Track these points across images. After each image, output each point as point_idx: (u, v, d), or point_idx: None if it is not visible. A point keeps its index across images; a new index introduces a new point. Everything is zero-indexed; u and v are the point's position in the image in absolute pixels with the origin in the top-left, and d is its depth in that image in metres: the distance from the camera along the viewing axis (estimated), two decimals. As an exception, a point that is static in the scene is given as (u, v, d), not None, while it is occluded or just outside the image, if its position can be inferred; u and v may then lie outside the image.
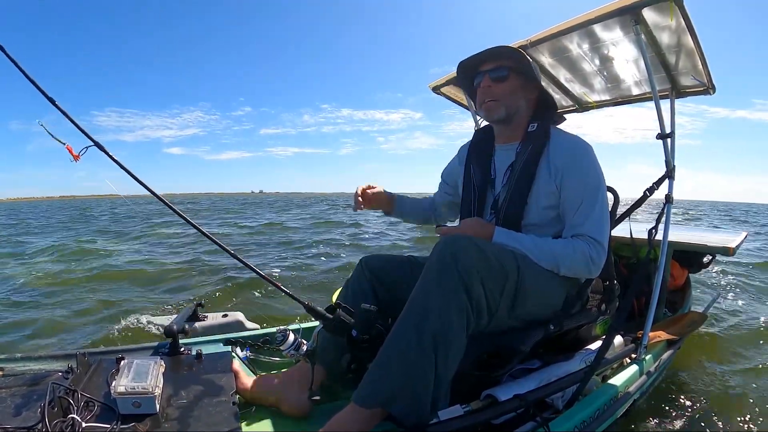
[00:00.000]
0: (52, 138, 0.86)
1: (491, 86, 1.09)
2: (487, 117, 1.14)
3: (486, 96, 1.10)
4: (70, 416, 0.74)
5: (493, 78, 1.08)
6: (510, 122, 1.13)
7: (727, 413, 1.58)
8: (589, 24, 1.17)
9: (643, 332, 1.33)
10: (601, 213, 1.02)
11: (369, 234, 8.13)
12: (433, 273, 0.84)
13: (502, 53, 1.09)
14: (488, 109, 1.11)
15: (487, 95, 1.10)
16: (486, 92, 1.10)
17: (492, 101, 1.09)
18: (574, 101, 1.84)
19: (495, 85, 1.09)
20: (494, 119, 1.13)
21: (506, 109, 1.10)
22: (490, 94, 1.09)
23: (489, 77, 1.09)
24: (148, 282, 3.95)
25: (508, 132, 1.15)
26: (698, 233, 2.46)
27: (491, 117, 1.12)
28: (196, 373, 1.00)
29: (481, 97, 1.11)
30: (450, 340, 0.81)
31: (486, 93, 1.10)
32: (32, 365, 0.99)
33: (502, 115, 1.10)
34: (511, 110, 1.10)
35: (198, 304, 1.59)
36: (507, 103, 1.09)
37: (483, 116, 1.16)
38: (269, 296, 3.19)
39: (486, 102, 1.10)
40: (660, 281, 1.33)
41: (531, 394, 0.93)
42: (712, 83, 1.42)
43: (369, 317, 0.96)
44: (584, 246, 0.98)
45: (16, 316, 2.86)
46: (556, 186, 1.03)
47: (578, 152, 1.05)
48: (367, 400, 0.81)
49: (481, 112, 1.15)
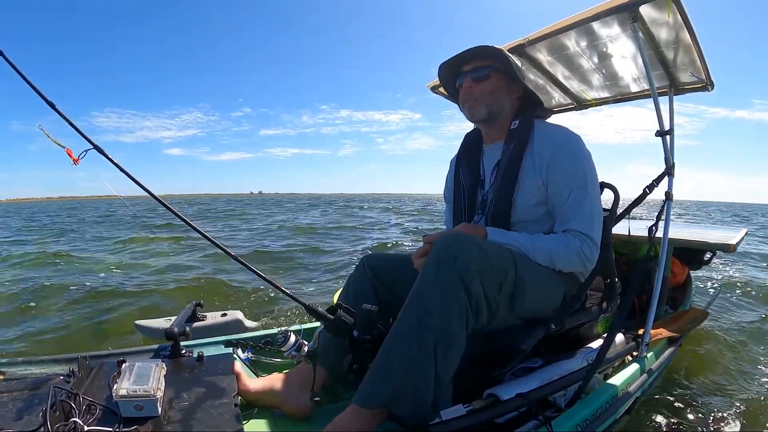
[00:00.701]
0: (52, 141, 0.86)
1: (472, 87, 1.09)
2: (470, 117, 1.14)
3: (467, 96, 1.10)
4: (72, 420, 0.74)
5: (473, 78, 1.09)
6: (494, 121, 1.13)
7: (729, 410, 1.58)
8: (587, 22, 1.18)
9: (644, 330, 1.33)
10: (591, 206, 1.00)
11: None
12: (432, 271, 0.84)
13: (483, 53, 1.09)
14: (470, 109, 1.11)
15: (468, 96, 1.10)
16: (467, 93, 1.10)
17: (473, 101, 1.09)
18: (572, 99, 1.84)
19: (476, 85, 1.09)
20: (476, 119, 1.13)
21: (488, 109, 1.09)
22: (471, 94, 1.09)
23: (470, 77, 1.09)
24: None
25: (493, 131, 1.15)
26: (699, 230, 2.46)
27: (473, 117, 1.12)
28: (197, 375, 1.00)
29: (463, 97, 1.12)
30: (450, 339, 0.81)
31: (467, 93, 1.10)
32: (33, 369, 0.99)
33: (483, 115, 1.10)
34: (494, 110, 1.10)
35: (197, 304, 1.60)
36: (488, 103, 1.09)
37: (466, 117, 1.16)
38: (270, 296, 3.19)
39: (467, 102, 1.11)
40: (661, 278, 1.33)
41: (533, 393, 0.93)
42: (710, 79, 1.42)
43: (370, 317, 0.96)
44: (575, 242, 0.97)
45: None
46: (542, 181, 1.02)
47: (564, 143, 1.03)
48: (369, 400, 0.81)
49: (464, 112, 1.14)
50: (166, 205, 0.95)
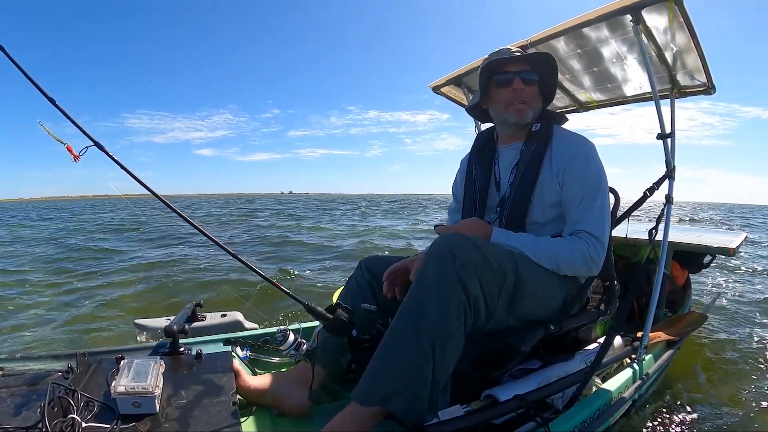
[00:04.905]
0: (53, 138, 0.86)
1: (524, 89, 1.08)
2: (517, 119, 1.10)
3: (517, 98, 1.09)
4: (70, 416, 0.74)
5: (525, 80, 1.08)
6: (525, 125, 1.13)
7: (727, 413, 1.58)
8: (590, 24, 1.18)
9: (643, 333, 1.33)
10: (602, 210, 1.02)
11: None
12: (431, 270, 0.84)
13: (539, 59, 1.09)
14: (518, 111, 1.09)
15: (518, 98, 1.08)
16: (518, 94, 1.08)
17: (523, 104, 1.09)
18: (574, 101, 1.85)
19: (527, 88, 1.08)
20: (523, 122, 1.11)
21: (533, 113, 1.11)
22: (522, 97, 1.08)
23: (521, 79, 1.08)
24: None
25: (514, 133, 1.16)
26: (698, 234, 2.46)
27: (521, 120, 1.10)
28: (196, 373, 1.00)
29: (511, 98, 1.09)
30: (447, 337, 0.81)
31: (518, 95, 1.08)
32: (32, 365, 0.99)
33: (529, 118, 1.10)
34: (535, 114, 1.11)
35: (197, 304, 1.59)
36: (533, 107, 1.10)
37: (512, 118, 1.11)
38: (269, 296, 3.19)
39: (517, 104, 1.09)
40: (660, 281, 1.33)
41: (531, 395, 0.93)
42: (712, 83, 1.42)
43: (369, 317, 0.96)
44: (583, 244, 0.98)
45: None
46: (559, 183, 1.04)
47: (580, 149, 1.06)
48: (366, 397, 0.81)
49: (508, 114, 1.11)
50: (168, 204, 0.95)
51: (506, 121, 1.14)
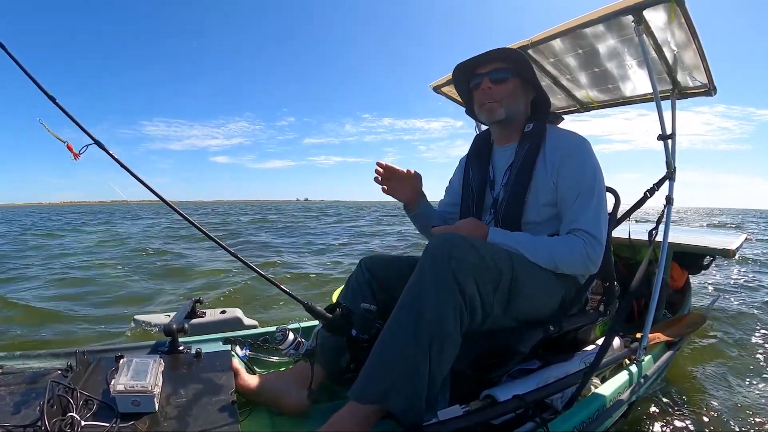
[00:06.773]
0: (53, 136, 0.86)
1: (491, 88, 1.10)
2: (488, 118, 1.15)
3: (486, 98, 1.11)
4: (69, 414, 0.74)
5: (492, 80, 1.10)
6: (509, 124, 1.15)
7: (726, 414, 1.58)
8: (591, 24, 1.17)
9: (642, 333, 1.33)
10: (598, 207, 1.02)
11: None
12: (427, 270, 0.84)
13: (503, 56, 1.10)
14: (489, 111, 1.12)
15: (487, 97, 1.11)
16: (486, 94, 1.11)
17: (492, 102, 1.11)
18: (575, 101, 1.84)
19: (495, 87, 1.10)
20: (494, 120, 1.14)
21: (506, 111, 1.11)
22: (490, 95, 1.11)
23: (489, 79, 1.10)
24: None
25: (506, 133, 1.17)
26: (698, 235, 2.46)
27: (492, 118, 1.13)
28: (195, 372, 1.00)
29: (482, 98, 1.13)
30: (444, 336, 0.81)
31: (486, 95, 1.11)
32: (31, 363, 0.99)
33: (501, 116, 1.11)
34: (511, 111, 1.12)
35: (196, 301, 1.59)
36: (507, 105, 1.11)
37: (483, 118, 1.17)
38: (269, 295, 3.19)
39: (486, 104, 1.12)
40: (660, 282, 1.32)
41: (530, 395, 0.93)
42: (713, 84, 1.42)
43: (368, 317, 0.96)
44: (580, 242, 0.98)
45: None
46: (553, 182, 1.04)
47: (574, 147, 1.06)
48: (363, 394, 0.81)
49: (481, 114, 1.15)
50: (169, 203, 0.95)
51: (486, 121, 1.17)
